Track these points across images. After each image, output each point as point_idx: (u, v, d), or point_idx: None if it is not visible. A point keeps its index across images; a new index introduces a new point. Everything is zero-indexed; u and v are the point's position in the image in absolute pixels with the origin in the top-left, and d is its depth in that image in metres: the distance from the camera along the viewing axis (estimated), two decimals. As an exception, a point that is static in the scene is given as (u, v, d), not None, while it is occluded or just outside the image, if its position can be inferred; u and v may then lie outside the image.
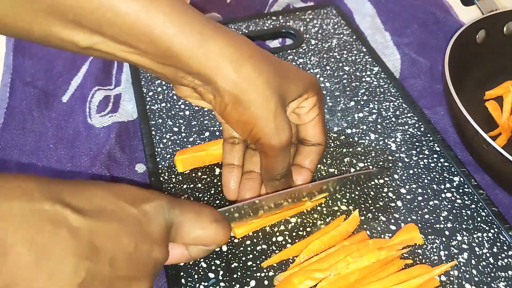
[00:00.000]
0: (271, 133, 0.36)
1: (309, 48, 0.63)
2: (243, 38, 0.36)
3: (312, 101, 0.40)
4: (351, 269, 0.38)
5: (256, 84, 0.35)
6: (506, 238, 0.43)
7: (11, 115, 0.55)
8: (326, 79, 0.59)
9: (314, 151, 0.42)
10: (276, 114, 0.36)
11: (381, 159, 0.49)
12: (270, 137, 0.36)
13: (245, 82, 0.35)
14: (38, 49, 0.63)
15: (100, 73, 0.59)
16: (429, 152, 0.50)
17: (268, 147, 0.37)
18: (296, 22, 0.67)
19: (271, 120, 0.36)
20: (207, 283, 0.39)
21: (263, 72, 0.35)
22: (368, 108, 0.55)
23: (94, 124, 0.54)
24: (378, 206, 0.45)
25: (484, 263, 0.41)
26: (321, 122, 0.42)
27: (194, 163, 0.48)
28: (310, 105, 0.40)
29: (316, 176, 0.47)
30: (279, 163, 0.39)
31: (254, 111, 0.35)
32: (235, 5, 0.73)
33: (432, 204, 0.45)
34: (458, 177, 0.48)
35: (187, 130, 0.52)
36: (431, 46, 0.66)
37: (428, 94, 0.59)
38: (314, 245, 0.40)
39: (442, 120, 0.55)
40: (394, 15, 0.71)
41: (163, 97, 0.55)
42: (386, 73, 0.60)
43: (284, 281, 0.39)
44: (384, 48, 0.65)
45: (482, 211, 0.45)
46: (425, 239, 0.42)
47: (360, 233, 0.42)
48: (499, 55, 0.60)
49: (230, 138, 0.43)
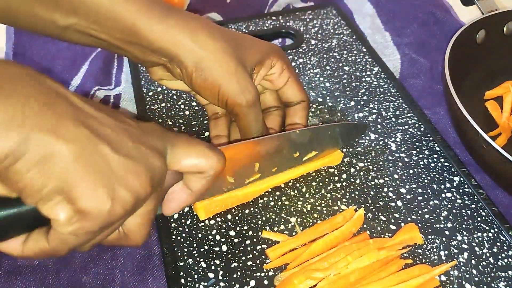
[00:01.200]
0: (236, 92, 0.40)
1: (309, 48, 0.63)
2: (197, 16, 0.41)
3: (279, 65, 0.44)
4: (351, 269, 0.38)
5: (213, 49, 0.39)
6: (506, 238, 0.43)
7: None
8: (326, 79, 0.59)
9: (300, 108, 0.46)
10: (237, 74, 0.40)
11: (381, 159, 0.49)
12: (236, 96, 0.40)
13: (202, 49, 0.39)
14: (38, 49, 0.63)
15: (100, 73, 0.59)
16: (429, 152, 0.50)
17: (236, 105, 0.41)
18: (296, 22, 0.67)
19: (233, 80, 0.40)
20: (207, 283, 0.39)
21: (218, 39, 0.40)
22: (368, 108, 0.55)
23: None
24: (378, 205, 0.45)
25: (484, 263, 0.41)
26: (295, 82, 0.46)
27: (216, 208, 0.44)
28: (278, 70, 0.44)
29: (316, 175, 0.47)
30: (251, 122, 0.42)
31: (216, 75, 0.40)
32: (235, 5, 0.73)
33: (432, 204, 0.45)
34: (458, 177, 0.48)
35: (187, 130, 0.52)
36: (431, 46, 0.66)
37: (428, 94, 0.59)
38: (318, 245, 0.40)
39: (442, 120, 0.55)
40: (394, 15, 0.71)
41: (163, 97, 0.55)
42: (386, 73, 0.60)
43: (284, 281, 0.39)
44: (384, 48, 0.65)
45: (482, 211, 0.45)
46: (425, 239, 0.42)
47: (361, 234, 0.42)
48: (499, 55, 0.60)
49: (213, 115, 0.47)
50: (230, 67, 0.40)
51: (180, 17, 0.39)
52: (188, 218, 0.44)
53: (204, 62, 0.39)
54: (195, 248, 0.41)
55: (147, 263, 0.42)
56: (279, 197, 0.45)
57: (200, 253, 0.41)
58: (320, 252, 0.40)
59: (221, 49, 0.40)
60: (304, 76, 0.59)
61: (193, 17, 0.40)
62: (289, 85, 0.46)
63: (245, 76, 0.41)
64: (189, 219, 0.43)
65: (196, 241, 0.42)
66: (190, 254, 0.41)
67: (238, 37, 0.43)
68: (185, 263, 0.40)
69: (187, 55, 0.39)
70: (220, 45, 0.40)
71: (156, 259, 0.42)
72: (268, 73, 0.44)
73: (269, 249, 0.41)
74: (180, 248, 0.41)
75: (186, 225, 0.43)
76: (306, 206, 0.45)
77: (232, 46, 0.40)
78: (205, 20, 0.41)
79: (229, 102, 0.41)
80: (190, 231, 0.43)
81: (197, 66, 0.39)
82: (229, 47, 0.40)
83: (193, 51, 0.39)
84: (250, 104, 0.41)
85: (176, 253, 0.41)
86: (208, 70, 0.39)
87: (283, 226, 0.43)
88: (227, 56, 0.40)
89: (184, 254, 0.41)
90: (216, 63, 0.39)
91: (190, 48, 0.39)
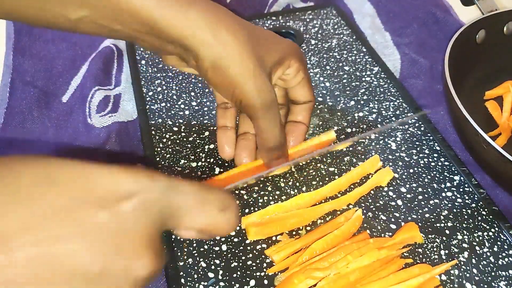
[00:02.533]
0: (252, 93, 0.38)
1: (309, 48, 0.63)
2: (219, 6, 0.39)
3: (296, 67, 0.43)
4: (351, 268, 0.38)
5: (232, 48, 0.37)
6: (506, 237, 0.43)
7: (11, 115, 0.55)
8: (326, 79, 0.59)
9: (305, 108, 0.45)
10: (254, 75, 0.38)
11: (381, 158, 0.49)
12: (252, 97, 0.38)
13: (221, 46, 0.37)
14: (38, 49, 0.63)
15: (100, 73, 0.59)
16: (429, 151, 0.50)
17: (251, 107, 0.39)
18: (296, 22, 0.67)
19: (250, 81, 0.38)
20: (207, 283, 0.39)
21: (239, 36, 0.38)
22: (368, 108, 0.55)
23: (94, 124, 0.54)
24: (378, 205, 0.45)
25: (484, 262, 0.41)
26: (308, 83, 0.45)
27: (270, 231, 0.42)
28: (294, 71, 0.43)
29: (316, 175, 0.47)
30: (267, 125, 0.40)
31: (233, 74, 0.38)
32: (235, 5, 0.73)
33: (433, 203, 0.45)
34: (458, 176, 0.48)
35: (187, 130, 0.52)
36: (431, 46, 0.66)
37: (428, 94, 0.59)
38: (317, 245, 0.40)
39: (442, 120, 0.55)
40: (394, 15, 0.71)
41: (163, 97, 0.55)
42: (386, 73, 0.60)
43: (284, 280, 0.39)
44: (384, 48, 0.65)
45: (482, 210, 0.45)
46: (426, 238, 0.42)
47: (361, 233, 0.42)
48: (499, 55, 0.60)
49: (222, 104, 0.46)
50: (249, 66, 0.38)
51: (201, 9, 0.37)
52: (188, 218, 0.43)
53: (222, 59, 0.38)
54: (195, 248, 0.41)
55: (147, 263, 0.41)
56: (279, 196, 0.45)
57: (200, 253, 0.41)
58: (320, 252, 0.40)
59: (241, 47, 0.38)
60: (304, 76, 0.59)
61: (214, 9, 0.38)
62: (301, 85, 0.44)
63: (263, 77, 0.39)
64: (189, 219, 0.43)
65: (196, 240, 0.42)
66: (190, 254, 0.41)
67: (259, 33, 0.41)
68: (185, 263, 0.40)
69: (205, 50, 0.37)
70: (240, 43, 0.38)
71: (156, 258, 0.42)
72: (284, 73, 0.43)
73: (269, 249, 0.41)
74: (180, 248, 0.41)
75: (186, 224, 0.43)
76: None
77: (253, 44, 0.39)
78: (227, 13, 0.39)
79: (244, 103, 0.39)
80: (190, 230, 0.42)
81: (214, 62, 0.38)
82: (249, 45, 0.38)
83: (212, 47, 0.37)
84: (267, 107, 0.39)
85: (176, 253, 0.41)
86: (225, 68, 0.38)
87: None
88: (246, 55, 0.38)
89: (184, 254, 0.41)
90: (235, 61, 0.38)
91: (209, 44, 0.37)
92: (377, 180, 0.46)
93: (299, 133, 0.46)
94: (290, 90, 0.45)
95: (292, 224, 0.42)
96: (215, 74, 0.38)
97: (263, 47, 0.40)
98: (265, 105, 0.39)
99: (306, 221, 0.43)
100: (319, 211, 0.43)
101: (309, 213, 0.43)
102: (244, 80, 0.38)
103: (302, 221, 0.43)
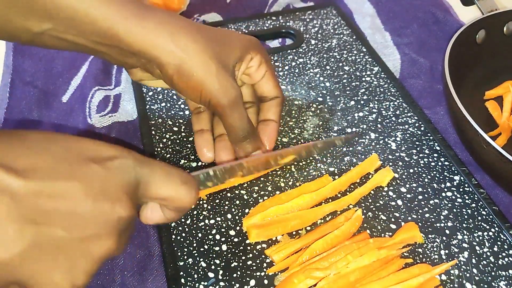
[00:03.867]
0: (218, 92, 0.40)
1: (309, 48, 0.63)
2: (175, 15, 0.40)
3: (257, 59, 0.44)
4: (351, 268, 0.38)
5: (193, 52, 0.39)
6: (506, 237, 0.43)
7: (11, 115, 0.55)
8: (326, 79, 0.59)
9: (274, 104, 0.46)
10: (218, 75, 0.39)
11: (381, 158, 0.49)
12: (218, 97, 0.40)
13: (182, 51, 0.38)
14: (38, 49, 0.63)
15: (100, 73, 0.59)
16: (429, 151, 0.50)
17: (220, 106, 0.40)
18: (296, 22, 0.67)
19: (215, 81, 0.39)
20: (207, 283, 0.39)
21: (198, 40, 0.39)
22: (368, 108, 0.55)
23: (94, 124, 0.54)
24: (378, 205, 0.45)
25: (484, 262, 0.41)
26: (272, 77, 0.45)
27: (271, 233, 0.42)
28: (256, 63, 0.44)
29: (316, 175, 0.47)
30: (236, 121, 0.42)
31: (197, 76, 0.39)
32: (235, 5, 0.73)
33: (433, 203, 0.45)
34: (458, 176, 0.48)
35: (187, 130, 0.52)
36: (431, 46, 0.66)
37: (428, 94, 0.59)
38: (317, 245, 0.40)
39: (442, 120, 0.55)
40: (394, 15, 0.71)
41: (163, 97, 0.55)
42: (386, 73, 0.60)
43: (284, 280, 0.39)
44: (384, 48, 0.65)
45: (482, 210, 0.45)
46: (426, 238, 0.42)
47: (361, 233, 0.42)
48: (499, 55, 0.60)
49: (195, 109, 0.47)
50: (211, 68, 0.39)
51: (159, 19, 0.38)
52: (188, 218, 0.43)
53: (185, 64, 0.39)
54: (195, 248, 0.41)
55: (147, 263, 0.42)
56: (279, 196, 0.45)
57: (200, 253, 0.41)
58: (320, 252, 0.40)
59: (201, 51, 0.39)
60: (304, 76, 0.59)
61: (172, 18, 0.39)
62: (266, 79, 0.45)
63: (226, 77, 0.40)
64: (189, 219, 0.43)
65: (196, 241, 0.42)
66: (190, 254, 0.41)
67: (218, 35, 0.42)
68: (185, 263, 0.40)
69: (167, 57, 0.38)
70: (200, 47, 0.39)
71: (156, 259, 0.42)
72: (247, 66, 0.44)
73: (269, 249, 0.41)
74: (180, 248, 0.41)
75: (186, 225, 0.43)
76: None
77: (213, 47, 0.40)
78: (184, 20, 0.40)
79: (212, 102, 0.40)
80: (190, 231, 0.43)
81: (178, 68, 0.39)
82: (210, 48, 0.40)
83: (174, 53, 0.38)
84: (233, 104, 0.41)
85: (176, 253, 0.41)
86: (189, 72, 0.39)
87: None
88: (207, 58, 0.39)
89: (184, 254, 0.41)
90: (197, 65, 0.39)
91: (170, 51, 0.38)
92: (377, 180, 0.46)
93: (270, 131, 0.46)
94: (256, 86, 0.46)
95: (293, 226, 0.42)
96: (180, 80, 0.39)
97: (223, 46, 0.41)
98: (231, 101, 0.40)
99: (307, 222, 0.43)
100: (320, 213, 0.43)
101: (310, 214, 0.43)
102: (209, 81, 0.39)
103: (303, 223, 0.43)
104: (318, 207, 0.44)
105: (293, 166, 0.48)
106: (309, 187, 0.45)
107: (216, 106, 0.41)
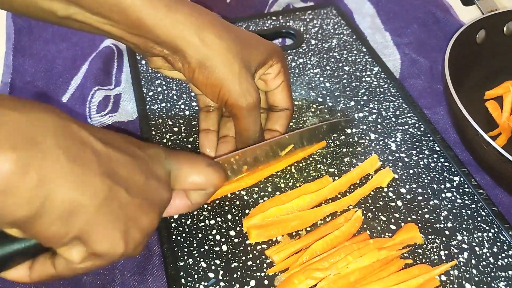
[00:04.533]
0: (237, 93, 0.40)
1: (309, 48, 0.63)
2: (205, 10, 0.40)
3: (277, 67, 0.44)
4: (351, 269, 0.38)
5: (218, 49, 0.39)
6: (506, 238, 0.43)
7: (11, 115, 0.54)
8: (326, 79, 0.59)
9: (283, 116, 0.46)
10: (240, 76, 0.40)
11: (381, 159, 0.49)
12: (237, 98, 0.40)
13: (208, 48, 0.39)
14: (38, 49, 0.63)
15: (100, 73, 0.59)
16: (429, 152, 0.50)
17: (236, 107, 0.40)
18: (296, 22, 0.67)
19: (236, 82, 0.40)
20: (207, 283, 0.39)
21: (224, 38, 0.39)
22: (368, 108, 0.55)
23: (94, 124, 0.54)
24: (378, 205, 0.45)
25: (484, 262, 0.41)
26: (287, 88, 0.45)
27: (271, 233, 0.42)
28: (275, 71, 0.44)
29: (316, 175, 0.47)
30: (250, 125, 0.42)
31: (219, 74, 0.39)
32: (235, 5, 0.73)
33: (432, 204, 0.45)
34: (458, 176, 0.48)
35: (187, 130, 0.52)
36: (431, 46, 0.66)
37: (428, 94, 0.59)
38: (318, 245, 0.40)
39: (442, 120, 0.55)
40: (394, 15, 0.71)
41: (163, 97, 0.55)
42: (386, 73, 0.60)
43: (284, 281, 0.39)
44: (384, 48, 0.65)
45: (482, 211, 0.45)
46: (425, 239, 0.42)
47: (361, 234, 0.42)
48: (499, 55, 0.60)
49: (205, 107, 0.47)
50: (234, 67, 0.39)
51: (188, 11, 0.39)
52: (188, 218, 0.44)
53: (209, 60, 0.39)
54: (195, 248, 0.41)
55: (147, 263, 0.42)
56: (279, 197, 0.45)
57: (200, 253, 0.41)
58: (321, 252, 0.40)
59: (226, 49, 0.39)
60: (304, 76, 0.59)
61: (201, 12, 0.40)
62: (281, 89, 0.45)
63: (248, 78, 0.40)
64: (189, 219, 0.43)
65: (196, 241, 0.42)
66: (190, 254, 0.41)
67: (244, 36, 0.42)
68: (185, 263, 0.40)
69: (192, 51, 0.39)
70: (226, 45, 0.39)
71: (156, 259, 0.42)
72: (265, 72, 0.44)
73: (269, 250, 0.41)
74: (180, 248, 0.41)
75: (186, 225, 0.43)
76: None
77: (238, 46, 0.40)
78: (212, 16, 0.40)
79: (229, 102, 0.40)
80: (190, 231, 0.43)
81: (200, 63, 0.39)
82: (235, 47, 0.40)
83: (199, 48, 0.39)
84: (251, 107, 0.41)
85: (176, 253, 0.41)
86: (212, 68, 0.39)
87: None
88: (231, 57, 0.39)
89: (184, 254, 0.41)
90: (221, 62, 0.39)
91: (196, 45, 0.38)
92: (377, 181, 0.46)
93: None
94: (269, 94, 0.46)
95: (294, 226, 0.42)
96: (201, 75, 0.40)
97: (248, 49, 0.41)
98: (250, 105, 0.41)
99: (307, 223, 0.43)
100: (320, 213, 0.43)
101: (310, 215, 0.43)
102: (230, 81, 0.39)
103: (303, 223, 0.43)
104: (318, 208, 0.44)
105: (293, 167, 0.48)
106: (309, 188, 0.45)
107: (232, 106, 0.40)
